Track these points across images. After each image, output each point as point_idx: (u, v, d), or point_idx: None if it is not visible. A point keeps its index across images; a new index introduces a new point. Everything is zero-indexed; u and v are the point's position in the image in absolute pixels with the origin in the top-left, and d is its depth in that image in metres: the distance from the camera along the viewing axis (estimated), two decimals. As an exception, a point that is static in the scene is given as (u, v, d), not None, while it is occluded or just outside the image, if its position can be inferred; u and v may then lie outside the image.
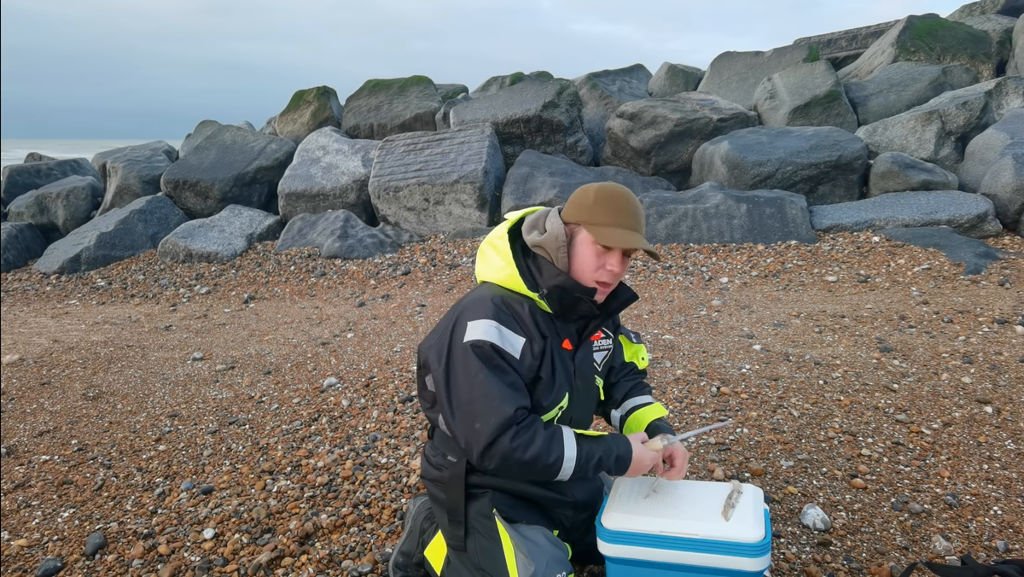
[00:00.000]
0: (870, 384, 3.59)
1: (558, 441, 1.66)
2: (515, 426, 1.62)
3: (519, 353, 1.67)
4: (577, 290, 1.71)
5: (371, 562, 2.19)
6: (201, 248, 8.93)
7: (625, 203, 1.73)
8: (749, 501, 1.71)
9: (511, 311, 1.69)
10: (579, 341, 1.83)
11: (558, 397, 1.75)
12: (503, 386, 1.62)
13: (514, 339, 1.66)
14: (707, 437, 3.07)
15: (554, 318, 1.77)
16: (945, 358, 3.92)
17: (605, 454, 1.70)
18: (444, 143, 9.44)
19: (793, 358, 4.12)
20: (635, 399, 2.05)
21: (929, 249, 6.37)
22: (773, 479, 2.65)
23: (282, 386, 4.21)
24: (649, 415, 1.99)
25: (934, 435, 2.94)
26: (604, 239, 1.69)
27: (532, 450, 1.62)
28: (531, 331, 1.69)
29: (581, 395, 1.86)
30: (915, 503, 2.39)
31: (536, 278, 1.74)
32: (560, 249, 1.73)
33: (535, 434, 1.63)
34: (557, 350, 1.76)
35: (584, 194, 1.74)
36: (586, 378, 1.87)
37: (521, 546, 1.74)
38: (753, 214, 7.67)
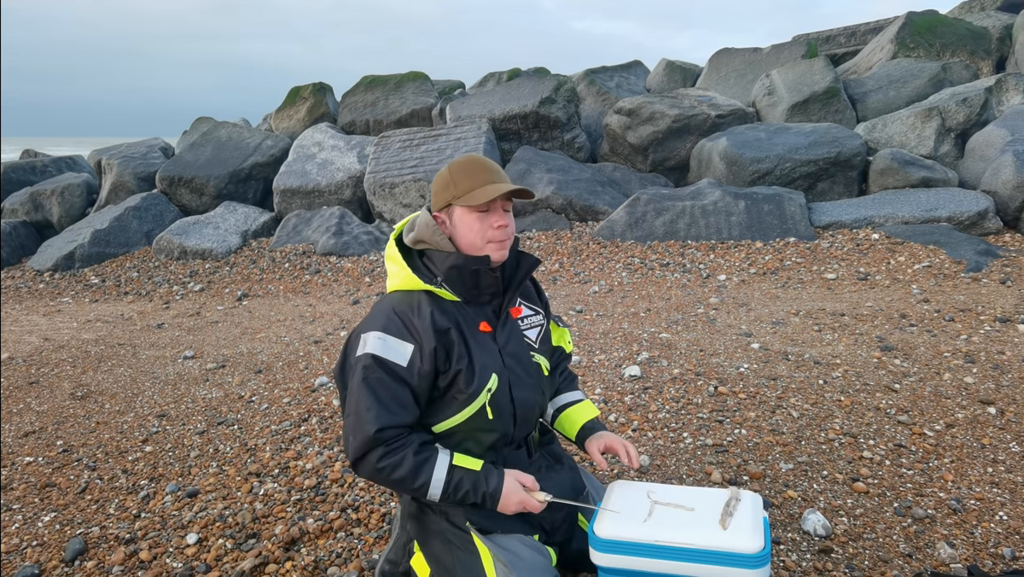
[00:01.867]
0: (871, 384, 3.52)
1: (428, 466, 1.65)
2: (382, 447, 1.62)
3: (406, 360, 1.65)
4: (472, 263, 1.70)
5: (357, 569, 2.12)
6: (196, 245, 8.85)
7: (480, 164, 1.72)
8: (748, 508, 1.64)
9: (401, 318, 1.68)
10: (498, 320, 1.80)
11: (482, 381, 1.71)
12: (377, 402, 1.62)
13: (400, 347, 1.65)
14: (704, 438, 3.01)
15: (464, 305, 1.74)
16: (947, 357, 3.85)
17: (473, 488, 1.67)
18: (440, 139, 9.36)
19: (792, 357, 4.05)
20: (565, 396, 2.05)
21: (929, 246, 6.30)
22: (772, 482, 2.58)
23: (273, 385, 4.14)
24: (581, 416, 1.99)
25: (937, 437, 2.88)
26: (474, 200, 1.67)
27: (399, 472, 1.63)
28: (423, 332, 1.66)
29: (517, 374, 1.80)
30: (918, 508, 2.33)
31: (432, 269, 1.74)
32: (436, 233, 1.73)
33: (404, 457, 1.63)
34: (473, 335, 1.73)
35: (440, 176, 1.75)
36: (518, 356, 1.82)
37: (500, 557, 1.67)
38: (751, 211, 7.60)
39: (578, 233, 8.02)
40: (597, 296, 6.15)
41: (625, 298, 5.99)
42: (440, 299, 1.73)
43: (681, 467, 2.77)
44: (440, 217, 1.76)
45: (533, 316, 1.93)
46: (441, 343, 1.68)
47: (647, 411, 3.34)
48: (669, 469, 2.75)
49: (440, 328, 1.68)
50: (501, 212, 1.73)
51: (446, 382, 1.70)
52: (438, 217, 1.76)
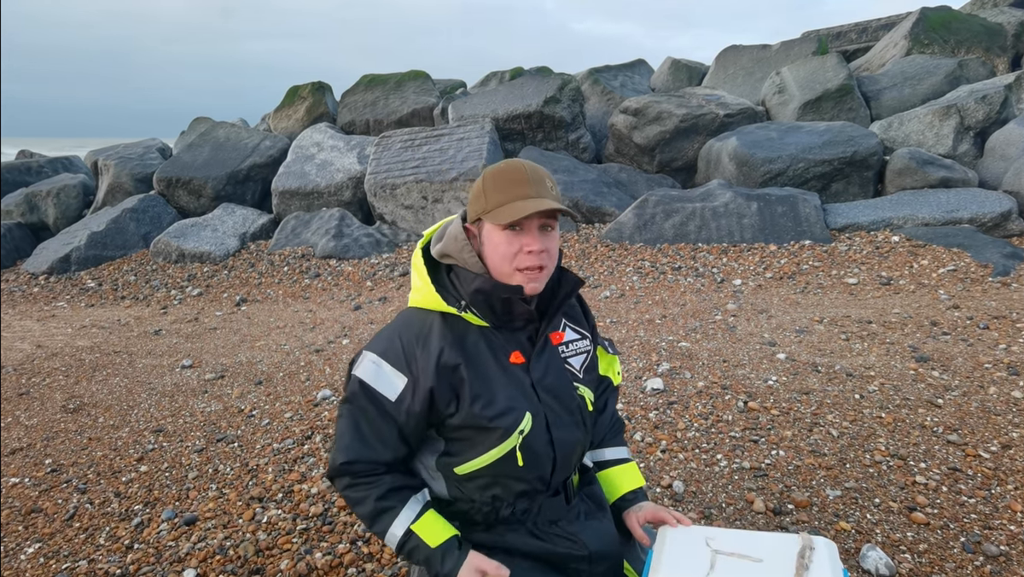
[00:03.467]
0: (911, 399, 3.31)
1: (387, 518, 1.51)
2: (348, 477, 1.52)
3: (396, 395, 1.48)
4: (500, 290, 1.47)
5: (372, 617, 1.92)
6: (194, 248, 8.64)
7: (516, 173, 1.47)
8: (825, 560, 1.43)
9: (404, 345, 1.50)
10: (533, 347, 1.56)
11: (512, 422, 1.48)
12: (354, 432, 1.50)
13: (393, 379, 1.48)
14: (740, 460, 2.80)
15: (494, 331, 1.52)
16: (988, 369, 3.64)
17: (427, 564, 1.50)
18: (443, 139, 9.15)
19: (822, 369, 3.84)
20: (610, 450, 1.79)
21: (953, 249, 6.10)
22: (820, 512, 2.37)
23: (274, 398, 3.93)
24: (624, 483, 1.73)
25: (994, 459, 2.67)
26: (502, 218, 1.43)
27: (359, 510, 1.53)
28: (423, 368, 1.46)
29: (556, 412, 1.56)
30: (989, 544, 2.12)
31: (459, 289, 1.52)
32: (464, 249, 1.50)
33: (366, 498, 1.51)
34: (502, 368, 1.51)
35: (475, 185, 1.52)
36: (557, 390, 1.58)
37: None
38: (764, 213, 7.40)
39: (585, 235, 7.81)
40: (609, 301, 5.95)
41: (638, 304, 5.78)
42: (464, 323, 1.51)
43: (719, 493, 2.56)
44: (472, 231, 1.53)
45: (579, 341, 1.67)
46: (446, 383, 1.47)
47: (675, 429, 3.13)
48: (706, 496, 2.54)
49: (447, 365, 1.47)
50: (536, 233, 1.47)
51: (458, 422, 1.49)
52: (470, 230, 1.53)
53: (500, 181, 1.47)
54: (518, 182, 1.46)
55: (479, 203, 1.49)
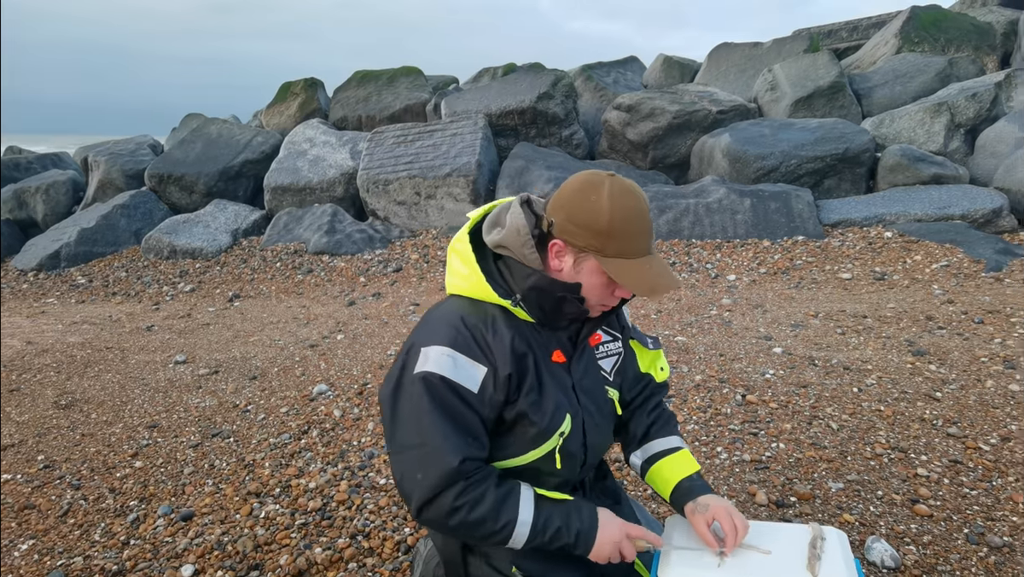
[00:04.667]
0: (909, 392, 3.32)
1: (512, 501, 1.40)
2: (462, 481, 1.36)
3: (478, 386, 1.38)
4: (557, 288, 1.41)
5: (376, 611, 1.89)
6: (186, 244, 8.57)
7: (643, 222, 1.39)
8: (837, 550, 1.42)
9: (473, 333, 1.41)
10: (574, 349, 1.53)
11: (555, 422, 1.45)
12: (453, 431, 1.36)
13: (472, 369, 1.38)
14: (740, 453, 2.79)
15: (538, 327, 1.47)
16: (985, 363, 3.65)
17: (566, 525, 1.41)
18: (435, 135, 9.12)
19: (819, 362, 3.84)
20: (659, 441, 1.69)
21: (946, 245, 6.12)
22: (824, 504, 2.37)
23: (269, 393, 3.89)
24: (677, 470, 1.62)
25: (994, 452, 2.67)
26: (629, 284, 1.37)
27: (479, 510, 1.36)
28: (499, 354, 1.40)
29: (592, 414, 1.55)
30: (993, 535, 2.12)
31: (509, 282, 1.45)
32: (526, 245, 1.42)
33: (486, 492, 1.37)
34: (546, 366, 1.47)
35: (594, 215, 1.36)
36: (593, 393, 1.57)
37: None
38: (757, 209, 7.41)
39: (580, 231, 7.79)
40: (604, 297, 5.93)
41: (633, 300, 5.76)
42: (513, 317, 1.45)
43: (720, 486, 2.55)
44: (560, 248, 1.42)
45: (611, 343, 1.64)
46: (517, 370, 1.41)
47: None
48: (707, 488, 2.53)
49: (519, 352, 1.42)
50: None
51: (511, 416, 1.43)
52: (556, 244, 1.42)
53: (629, 228, 1.37)
54: (643, 233, 1.40)
55: (597, 239, 1.37)
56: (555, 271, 1.44)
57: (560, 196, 1.42)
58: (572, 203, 1.39)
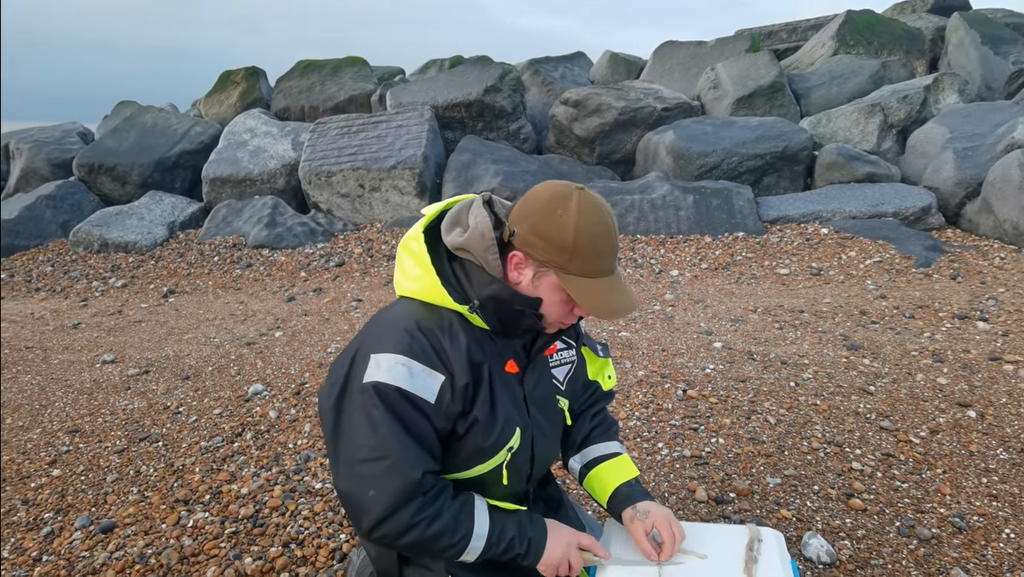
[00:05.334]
0: (844, 386, 3.39)
1: (467, 514, 1.34)
2: (420, 497, 1.29)
3: (435, 396, 1.30)
4: (518, 301, 1.34)
5: (306, 623, 1.82)
6: (118, 237, 8.22)
7: (609, 242, 1.33)
8: (774, 552, 1.42)
9: (429, 339, 1.32)
10: (528, 360, 1.47)
11: (504, 437, 1.39)
12: (409, 444, 1.28)
13: (429, 378, 1.29)
14: (681, 448, 2.80)
15: (492, 335, 1.40)
16: (915, 357, 3.76)
17: (519, 536, 1.38)
18: (380, 126, 8.96)
19: (758, 357, 3.90)
20: (598, 447, 1.66)
21: (879, 241, 6.31)
22: (762, 500, 2.39)
23: (202, 394, 3.74)
24: (616, 476, 1.60)
25: (924, 444, 2.74)
26: (589, 305, 1.33)
27: (436, 525, 1.30)
28: (457, 363, 1.32)
29: (542, 427, 1.50)
30: (922, 527, 2.17)
31: (465, 287, 1.37)
32: (489, 250, 1.34)
33: (443, 506, 1.32)
34: (499, 376, 1.40)
35: (559, 231, 1.29)
36: (544, 405, 1.51)
37: None
38: (700, 205, 7.51)
39: (526, 226, 7.77)
40: (549, 292, 5.92)
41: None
42: (469, 323, 1.37)
43: (661, 482, 2.55)
44: (520, 260, 1.35)
45: (565, 351, 1.59)
46: (473, 379, 1.34)
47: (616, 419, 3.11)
48: (649, 485, 2.53)
49: (475, 361, 1.35)
50: None
51: (463, 428, 1.36)
52: (516, 256, 1.35)
53: (594, 247, 1.31)
54: (608, 253, 1.34)
55: (560, 255, 1.30)
56: (513, 283, 1.37)
57: (525, 206, 1.34)
58: (537, 215, 1.31)
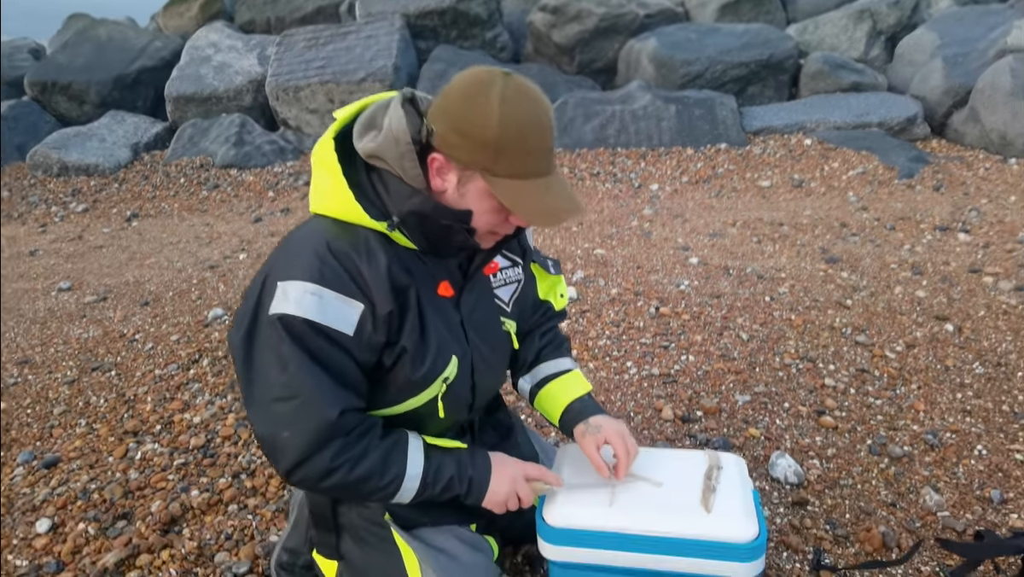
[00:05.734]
0: (821, 300, 3.30)
1: (399, 454, 1.22)
2: (341, 437, 1.16)
3: (353, 327, 1.14)
4: (444, 215, 1.17)
5: (250, 558, 1.74)
6: (79, 160, 7.87)
7: (543, 138, 1.14)
8: (734, 480, 1.33)
9: (342, 263, 1.15)
10: (465, 280, 1.32)
11: (438, 367, 1.25)
12: (328, 380, 1.14)
13: (344, 309, 1.14)
14: (649, 367, 2.72)
15: (421, 255, 1.24)
16: (894, 269, 3.67)
17: (457, 475, 1.26)
18: (349, 37, 8.52)
19: (734, 272, 3.80)
20: (549, 364, 1.54)
21: (862, 152, 6.14)
22: (730, 419, 2.32)
23: (160, 320, 3.61)
24: (567, 392, 1.49)
25: (899, 359, 2.67)
26: (523, 211, 1.15)
27: (361, 468, 1.17)
28: (377, 288, 1.16)
29: (483, 353, 1.36)
30: (894, 445, 2.11)
31: (384, 201, 1.19)
32: (406, 156, 1.15)
33: (368, 447, 1.19)
34: (430, 301, 1.24)
35: (481, 124, 1.10)
36: (486, 329, 1.37)
37: (429, 560, 1.31)
38: (682, 116, 7.27)
39: (503, 142, 7.51)
40: (525, 209, 5.75)
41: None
42: (391, 242, 1.20)
43: (628, 402, 2.48)
44: (441, 163, 1.16)
45: (510, 269, 1.42)
46: (398, 306, 1.18)
47: (586, 338, 3.03)
48: (615, 405, 2.46)
49: (399, 285, 1.18)
50: None
51: (390, 360, 1.22)
52: (437, 159, 1.16)
53: (524, 142, 1.12)
54: (541, 149, 1.14)
55: (482, 154, 1.12)
56: (437, 191, 1.19)
57: (443, 99, 1.15)
58: (456, 108, 1.12)
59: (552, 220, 1.17)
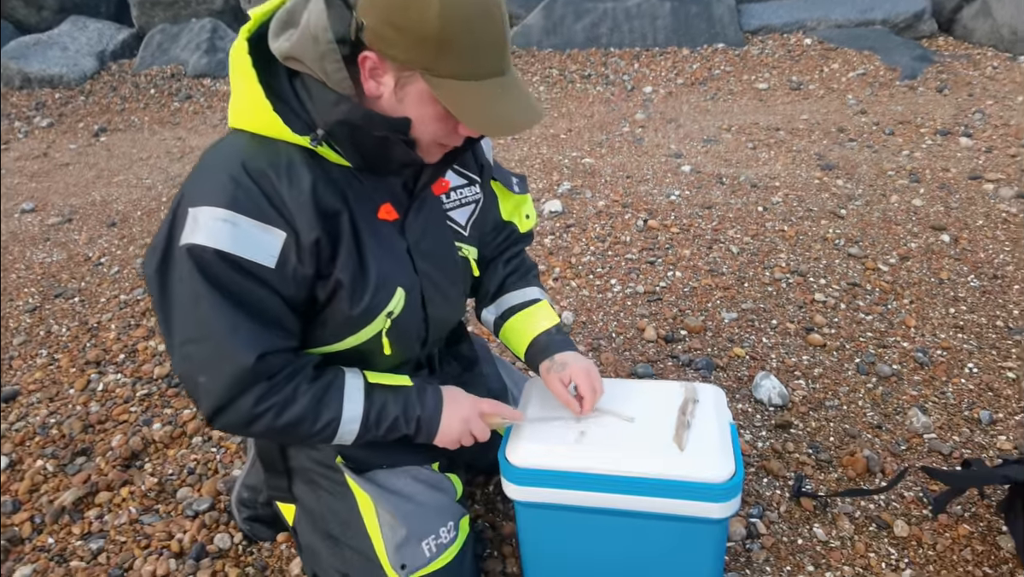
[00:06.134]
0: (815, 210, 3.17)
1: (334, 396, 1.10)
2: (264, 381, 1.04)
3: (274, 259, 1.00)
4: (377, 125, 1.00)
5: (211, 494, 1.68)
6: (41, 71, 7.48)
7: (492, 27, 0.96)
8: (710, 415, 1.24)
9: (260, 185, 0.99)
10: (411, 201, 1.16)
11: (380, 300, 1.11)
12: (244, 319, 1.00)
13: (263, 236, 0.99)
14: (634, 284, 2.61)
15: (356, 173, 1.08)
16: (891, 177, 3.52)
17: (403, 415, 1.15)
18: (322, -67, 7.96)
19: (727, 180, 3.64)
20: (515, 294, 1.40)
21: (864, 52, 5.84)
22: (715, 338, 2.23)
23: (128, 242, 3.46)
24: (533, 324, 1.36)
25: (892, 272, 2.57)
26: (471, 118, 0.99)
27: (290, 413, 1.06)
28: (300, 213, 1.01)
29: (435, 283, 1.21)
30: (883, 363, 2.03)
31: (309, 111, 1.03)
32: (327, 57, 0.97)
33: (297, 389, 1.07)
34: (368, 226, 1.09)
35: (419, 15, 0.91)
36: (438, 256, 1.22)
37: (384, 504, 1.23)
38: (678, 13, 6.89)
39: (488, 44, 7.14)
40: (510, 117, 5.51)
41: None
42: (320, 159, 1.05)
43: (610, 322, 2.38)
44: (375, 63, 0.98)
45: (465, 188, 1.27)
46: (328, 232, 1.04)
47: (570, 255, 2.91)
48: (596, 326, 2.36)
49: (328, 208, 1.04)
50: None
51: (325, 294, 1.09)
52: (369, 57, 0.98)
53: (470, 37, 0.95)
54: (493, 44, 0.97)
55: (421, 51, 0.94)
56: (372, 96, 1.02)
57: None
58: None
59: (506, 128, 1.01)
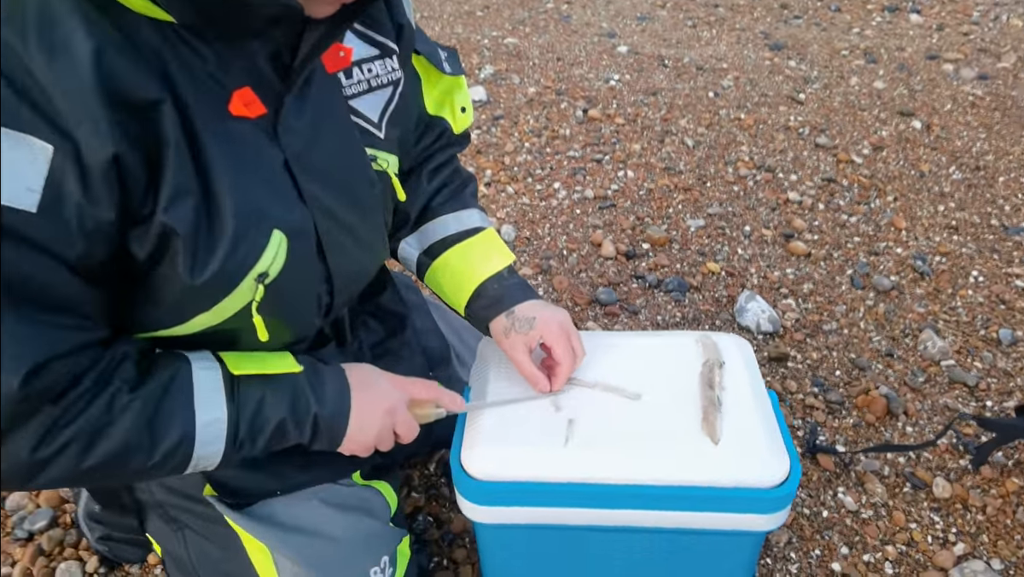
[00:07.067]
0: (771, 95, 2.83)
1: (178, 402, 0.67)
2: (48, 406, 0.59)
3: (37, 194, 0.52)
4: None
5: (52, 504, 1.25)
6: None
7: None
8: (744, 385, 0.89)
9: (7, 60, 0.51)
10: (287, 84, 0.67)
11: (243, 257, 0.65)
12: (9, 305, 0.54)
13: (13, 158, 0.51)
14: (582, 188, 2.24)
15: (191, 38, 0.60)
16: (846, 57, 3.21)
17: (293, 416, 0.73)
18: None
19: (669, 63, 3.25)
20: (445, 220, 0.98)
21: (801, -82, 5.41)
22: (683, 251, 1.90)
23: None
24: (478, 266, 0.95)
25: (868, 165, 2.29)
26: None
27: (107, 445, 0.62)
28: (78, 106, 0.53)
29: (338, 217, 0.74)
30: (879, 275, 1.76)
31: None
32: None
33: (111, 406, 0.62)
34: (213, 129, 0.62)
35: None
36: (338, 173, 0.74)
37: (282, 548, 0.83)
38: None
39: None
40: (419, -9, 4.84)
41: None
42: (117, 12, 0.56)
43: (558, 236, 2.01)
44: None
45: (376, 61, 0.79)
46: (135, 141, 0.56)
47: (502, 153, 2.48)
48: (543, 241, 1.99)
49: (131, 99, 0.56)
50: None
51: (145, 249, 0.62)
52: None
53: None
54: None
55: None
56: None
57: None
58: None
59: None
